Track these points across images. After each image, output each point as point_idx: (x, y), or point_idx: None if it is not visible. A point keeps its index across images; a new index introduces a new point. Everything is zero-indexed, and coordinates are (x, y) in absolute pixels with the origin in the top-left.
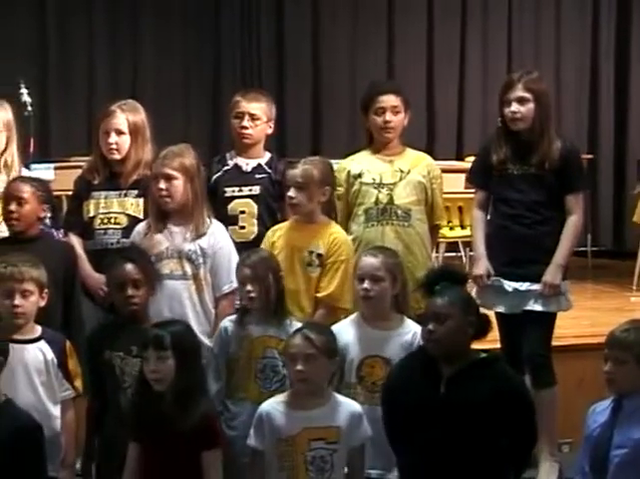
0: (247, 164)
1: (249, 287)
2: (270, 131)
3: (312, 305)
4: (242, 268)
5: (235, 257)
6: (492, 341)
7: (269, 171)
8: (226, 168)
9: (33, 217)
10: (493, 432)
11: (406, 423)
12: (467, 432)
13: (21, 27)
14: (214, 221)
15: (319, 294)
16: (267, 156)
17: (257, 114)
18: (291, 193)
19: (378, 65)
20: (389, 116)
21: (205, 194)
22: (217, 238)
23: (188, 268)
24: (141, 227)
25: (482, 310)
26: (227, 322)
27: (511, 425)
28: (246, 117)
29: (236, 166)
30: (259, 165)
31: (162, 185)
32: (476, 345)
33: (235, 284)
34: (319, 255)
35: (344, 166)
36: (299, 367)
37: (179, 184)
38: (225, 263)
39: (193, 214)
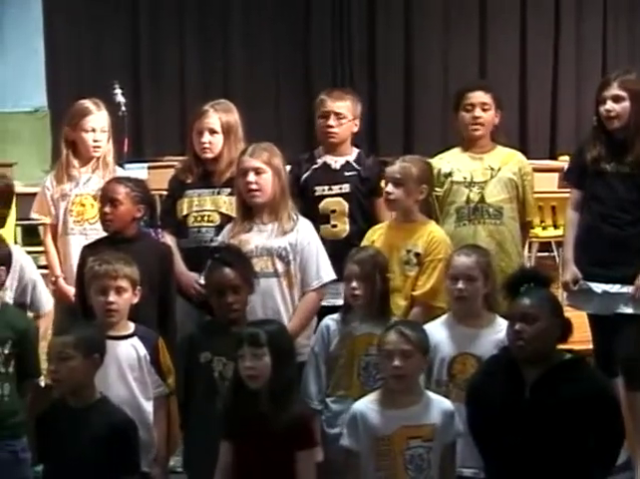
0: (336, 161)
1: (354, 284)
2: (356, 129)
3: (408, 304)
4: (350, 265)
5: (323, 254)
6: (580, 342)
7: (358, 168)
8: (315, 166)
9: (128, 217)
10: (580, 434)
11: (490, 427)
12: (553, 436)
13: (114, 29)
14: (300, 217)
15: (415, 293)
16: (355, 152)
17: (343, 112)
18: (389, 188)
19: (470, 65)
20: (478, 112)
21: (289, 191)
22: (305, 234)
23: (279, 266)
24: (228, 227)
25: (572, 311)
26: (329, 321)
27: (597, 426)
28: (332, 116)
29: (325, 164)
30: (347, 162)
31: (252, 178)
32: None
33: (325, 280)
34: (417, 254)
35: (434, 165)
36: (396, 363)
37: (268, 177)
38: (314, 259)
39: (279, 210)
